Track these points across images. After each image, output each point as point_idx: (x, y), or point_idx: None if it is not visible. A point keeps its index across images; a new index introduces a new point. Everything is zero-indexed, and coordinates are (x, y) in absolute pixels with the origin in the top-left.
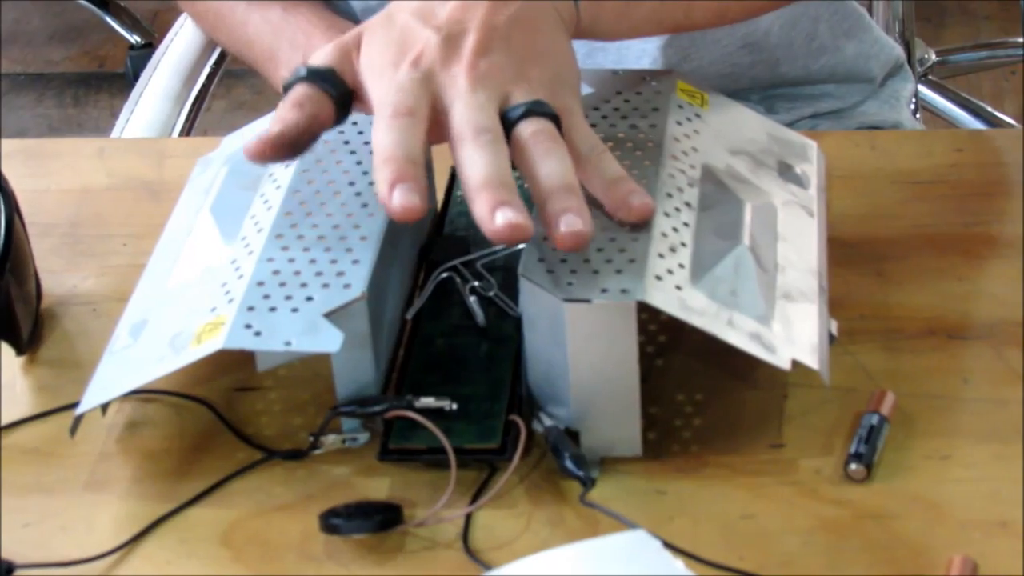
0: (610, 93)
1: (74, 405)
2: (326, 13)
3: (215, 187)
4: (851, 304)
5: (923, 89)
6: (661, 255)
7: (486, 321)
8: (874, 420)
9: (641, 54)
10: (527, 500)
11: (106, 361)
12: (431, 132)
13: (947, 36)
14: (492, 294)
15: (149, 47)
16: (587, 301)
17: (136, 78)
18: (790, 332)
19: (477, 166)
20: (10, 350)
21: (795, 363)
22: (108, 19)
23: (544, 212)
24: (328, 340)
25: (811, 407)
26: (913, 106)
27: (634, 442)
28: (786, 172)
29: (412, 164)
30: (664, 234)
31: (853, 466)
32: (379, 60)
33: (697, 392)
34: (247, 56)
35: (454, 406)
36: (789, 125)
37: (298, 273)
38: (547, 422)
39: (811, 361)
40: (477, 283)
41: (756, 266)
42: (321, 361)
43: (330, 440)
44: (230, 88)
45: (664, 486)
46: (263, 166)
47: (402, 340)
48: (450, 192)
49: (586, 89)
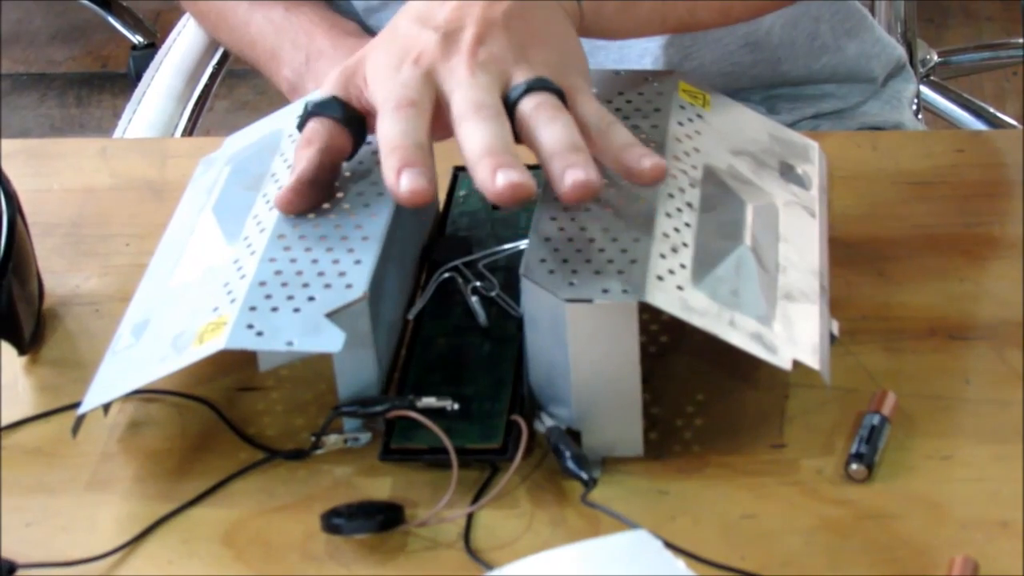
0: (612, 93)
1: (76, 405)
2: (328, 13)
3: (217, 187)
4: (852, 304)
5: (925, 90)
6: (663, 255)
7: (488, 321)
8: (875, 420)
9: (643, 53)
10: (529, 500)
11: (108, 361)
12: (435, 126)
13: (949, 37)
14: (494, 294)
15: (151, 47)
16: (589, 301)
17: (138, 78)
18: (791, 332)
19: (477, 137)
20: (12, 350)
21: (796, 363)
22: (110, 19)
23: (550, 173)
24: (330, 340)
25: (812, 407)
26: (915, 107)
27: (635, 442)
28: (788, 172)
29: (418, 150)
30: (666, 234)
31: (854, 466)
32: (382, 65)
33: (698, 392)
34: (249, 56)
35: (456, 406)
36: (791, 125)
37: (300, 273)
38: (548, 422)
39: (812, 361)
40: (479, 283)
41: (758, 266)
42: (323, 361)
43: (332, 440)
44: (232, 88)
45: (666, 486)
46: (272, 175)
47: (404, 340)
48: (452, 192)
49: None
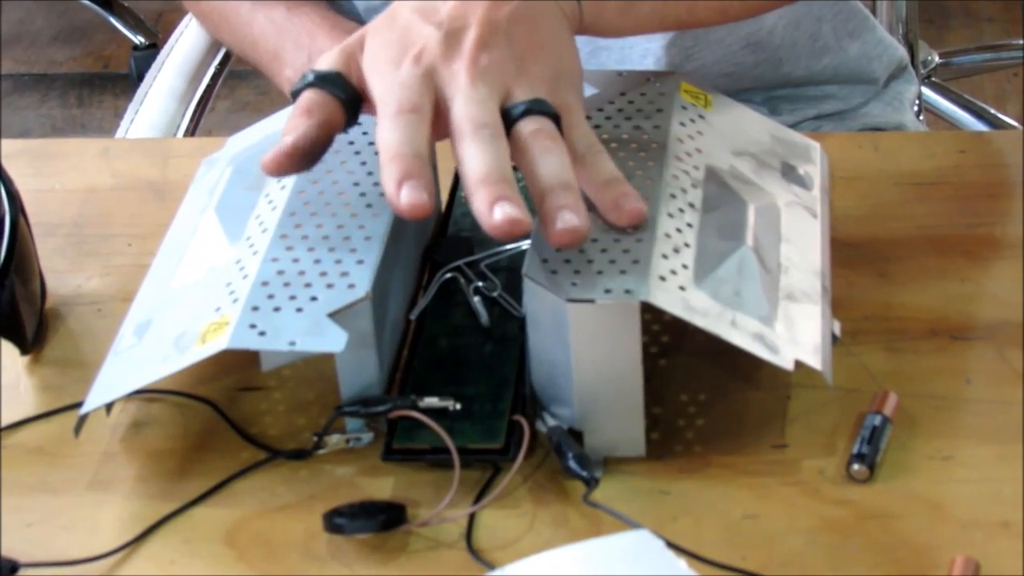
0: (614, 94)
1: (78, 405)
2: (330, 13)
3: (220, 187)
4: (854, 305)
5: (926, 91)
6: (665, 256)
7: (490, 321)
8: (877, 421)
9: (645, 53)
10: (530, 500)
11: (110, 361)
12: (434, 128)
13: (950, 38)
14: (496, 294)
15: (153, 47)
16: (591, 301)
17: (140, 79)
18: (793, 333)
19: (476, 161)
20: (14, 349)
21: (798, 364)
22: (112, 19)
23: (541, 209)
24: (332, 340)
25: (814, 407)
26: (916, 108)
27: (637, 442)
28: (789, 173)
29: (419, 161)
30: (668, 235)
31: (856, 466)
32: (381, 58)
33: (700, 392)
34: (251, 56)
35: (458, 406)
36: (792, 126)
37: (302, 273)
38: (551, 422)
39: (814, 362)
40: (481, 283)
41: (759, 267)
42: (325, 361)
43: (334, 440)
44: (234, 89)
45: (667, 486)
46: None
47: (406, 340)
48: (454, 193)
49: (590, 90)
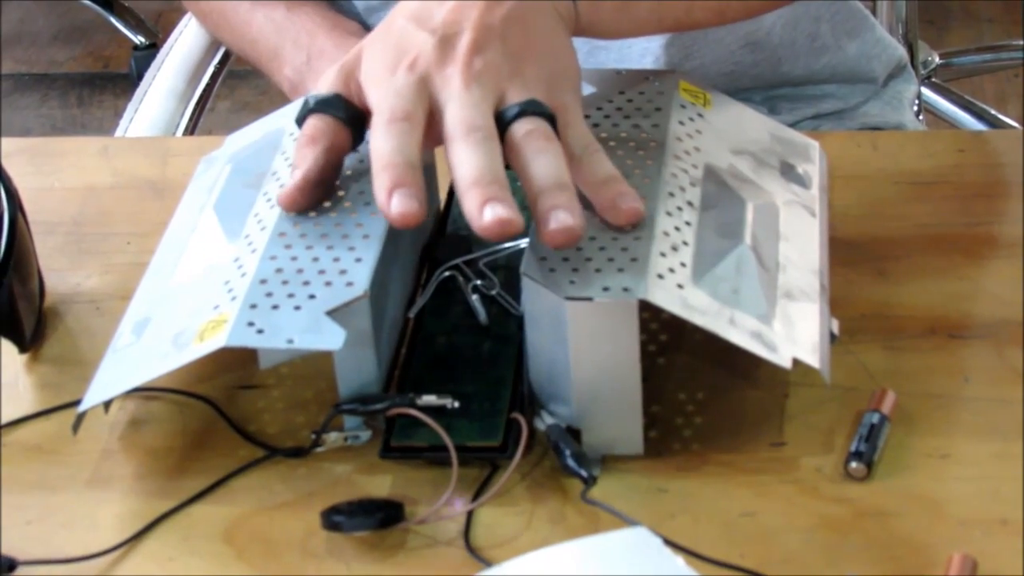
0: (613, 92)
1: (77, 402)
2: (330, 12)
3: (218, 185)
4: (852, 303)
5: (926, 91)
6: (663, 254)
7: (488, 320)
8: (875, 419)
9: (644, 52)
10: (528, 498)
11: (109, 359)
12: (429, 134)
13: (950, 39)
14: (494, 293)
15: (153, 47)
16: (589, 299)
17: (140, 78)
18: (791, 331)
19: (468, 164)
20: (13, 347)
21: (796, 362)
22: (112, 19)
23: (535, 210)
24: (330, 338)
25: (812, 406)
26: (916, 108)
27: (635, 440)
28: (788, 172)
29: (410, 169)
30: (666, 233)
31: (854, 464)
32: (377, 67)
33: (698, 391)
34: (251, 55)
35: (456, 404)
36: (791, 125)
37: (301, 271)
38: (548, 420)
39: (812, 360)
40: (479, 282)
41: (758, 265)
42: (323, 359)
43: (332, 438)
44: (234, 89)
45: (665, 484)
46: (273, 173)
47: (404, 338)
48: (453, 191)
49: (589, 88)
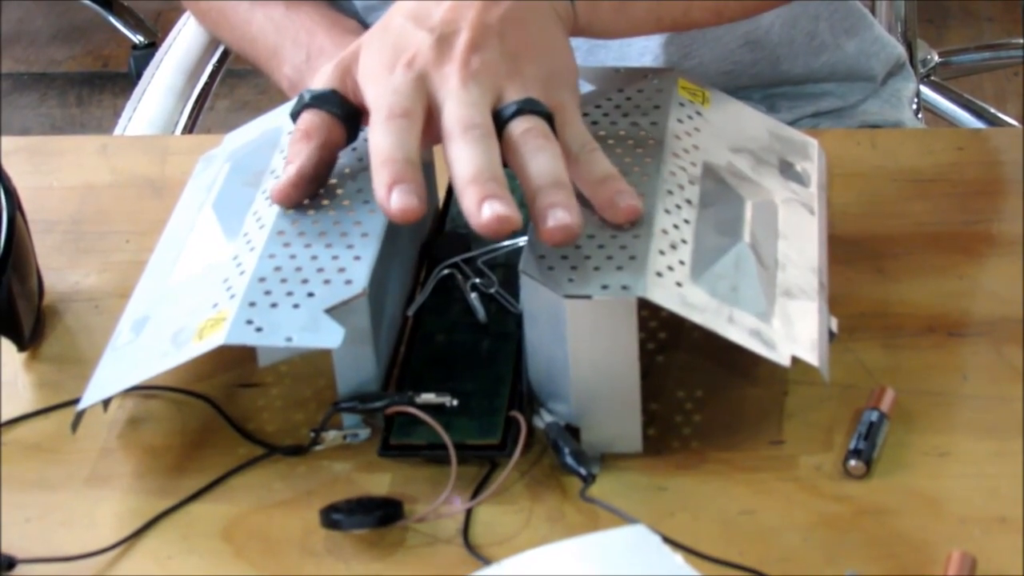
0: (611, 90)
1: (76, 401)
2: (329, 11)
3: (217, 184)
4: (851, 301)
5: (925, 90)
6: (662, 252)
7: (487, 318)
8: (874, 417)
9: (643, 51)
10: (527, 496)
11: (108, 357)
12: (427, 133)
13: (950, 37)
14: (493, 291)
15: (152, 47)
16: (588, 297)
17: (139, 78)
18: (790, 329)
19: (465, 161)
20: (12, 346)
21: (795, 360)
22: (111, 19)
23: (533, 208)
24: (329, 336)
25: (811, 404)
26: (915, 106)
27: (634, 438)
28: (787, 170)
29: (410, 166)
30: (665, 231)
31: (853, 462)
32: (375, 66)
33: (697, 389)
34: (250, 54)
35: (455, 402)
36: (790, 124)
37: (299, 269)
38: (547, 418)
39: (811, 358)
40: (478, 280)
41: (756, 263)
42: (322, 357)
43: (331, 436)
44: (233, 88)
45: (664, 482)
46: (272, 171)
47: (403, 336)
48: (451, 190)
49: (587, 86)
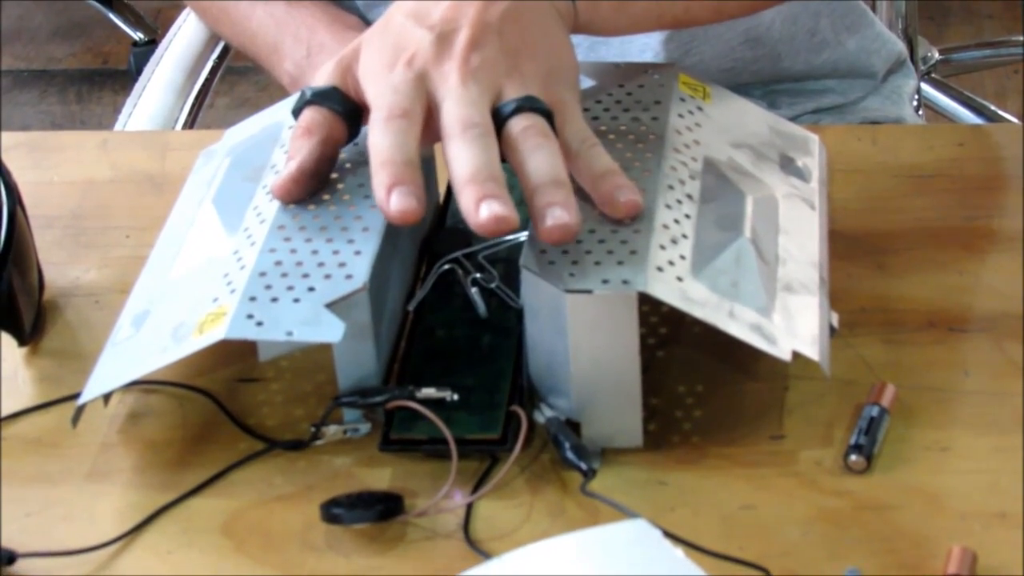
0: (612, 85)
1: (76, 395)
2: (329, 7)
3: (217, 178)
4: (852, 296)
5: (926, 87)
6: (662, 246)
7: (488, 313)
8: (874, 412)
9: (643, 48)
10: (528, 490)
11: (108, 352)
12: (427, 131)
13: (950, 35)
14: (494, 286)
15: (152, 44)
16: (588, 292)
17: (139, 75)
18: (791, 324)
19: (464, 160)
20: (12, 341)
21: (796, 355)
22: (111, 16)
23: (531, 206)
24: (330, 330)
25: (811, 399)
26: (916, 103)
27: (635, 433)
28: (788, 165)
29: (409, 167)
30: (665, 226)
31: (853, 457)
32: (375, 63)
33: (698, 383)
34: (250, 50)
35: (455, 397)
36: (791, 120)
37: (300, 264)
38: (548, 413)
39: (812, 353)
40: (479, 275)
41: (757, 258)
42: (323, 352)
43: (331, 431)
44: (233, 85)
45: (665, 477)
46: (272, 166)
47: (404, 331)
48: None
49: (588, 81)
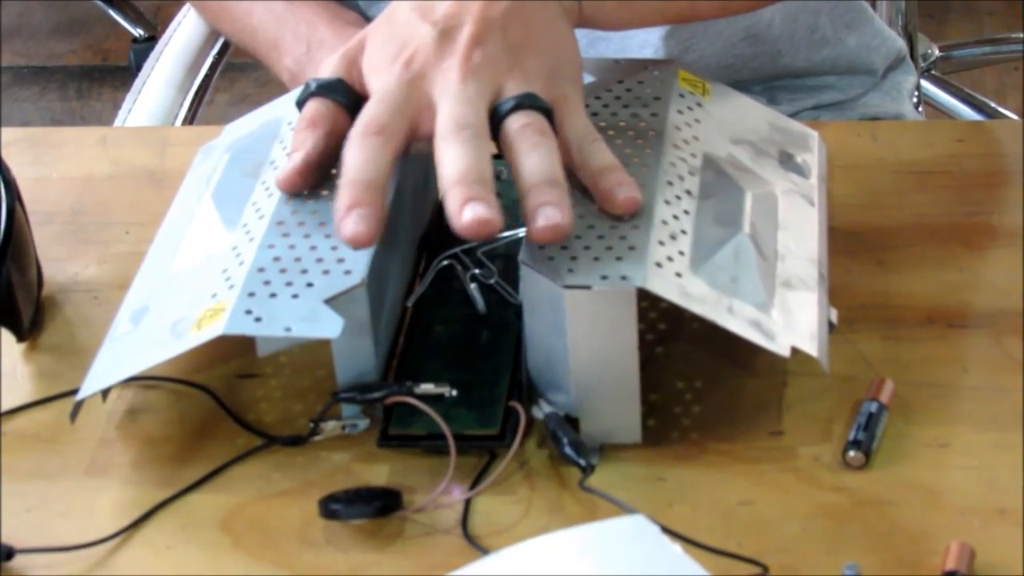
0: (612, 81)
1: (75, 391)
2: (330, 4)
3: (217, 174)
4: (851, 293)
5: (926, 84)
6: (661, 242)
7: (487, 308)
8: (873, 408)
9: (643, 44)
10: (526, 486)
11: (107, 347)
12: (424, 131)
13: (950, 32)
14: (493, 281)
15: (152, 40)
16: (587, 288)
17: (139, 71)
18: (790, 320)
19: (453, 162)
20: (11, 337)
21: (795, 351)
22: (111, 12)
23: (524, 206)
24: (328, 326)
25: (810, 395)
26: (915, 99)
27: (634, 429)
28: (787, 161)
29: (370, 189)
30: (664, 222)
31: (852, 453)
32: (378, 57)
33: (697, 379)
34: (250, 46)
35: (454, 392)
36: (791, 116)
37: (299, 259)
38: (547, 409)
39: (810, 349)
40: (478, 271)
41: (756, 254)
42: (321, 347)
43: (330, 426)
44: (234, 81)
45: (663, 473)
46: (271, 162)
47: (402, 327)
48: None
49: (588, 77)
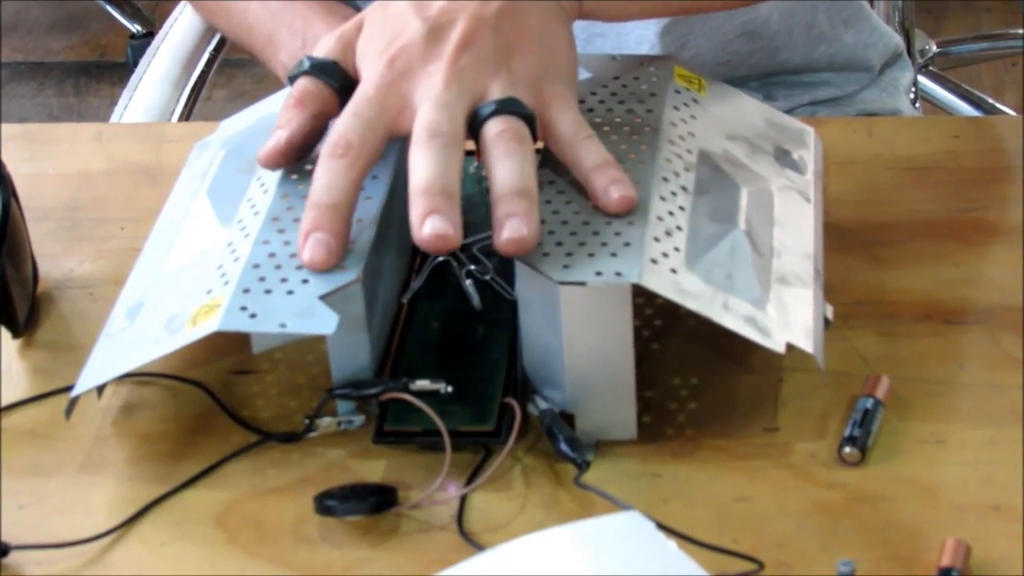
0: (607, 78)
1: (70, 388)
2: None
3: (212, 171)
4: (847, 289)
5: (923, 80)
6: (657, 239)
7: (482, 305)
8: (869, 404)
9: (640, 40)
10: (522, 482)
11: (102, 344)
12: (403, 129)
13: (948, 28)
14: (488, 278)
15: (150, 36)
16: (582, 284)
17: (136, 67)
18: (785, 316)
19: (422, 170)
20: (6, 333)
21: (790, 347)
22: (109, 8)
23: (493, 215)
24: (323, 322)
25: (806, 391)
26: (912, 95)
27: (629, 425)
28: (783, 157)
29: (330, 212)
30: (660, 218)
31: (847, 449)
32: (369, 46)
33: (692, 376)
34: (246, 42)
35: (449, 389)
36: (787, 112)
37: (294, 256)
38: (542, 405)
39: (806, 345)
40: (473, 267)
41: (752, 250)
42: (317, 344)
43: (325, 423)
44: (231, 78)
45: (659, 469)
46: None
47: (398, 323)
48: None
49: (584, 74)
